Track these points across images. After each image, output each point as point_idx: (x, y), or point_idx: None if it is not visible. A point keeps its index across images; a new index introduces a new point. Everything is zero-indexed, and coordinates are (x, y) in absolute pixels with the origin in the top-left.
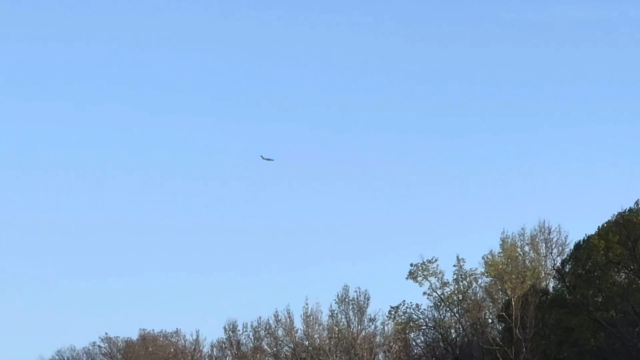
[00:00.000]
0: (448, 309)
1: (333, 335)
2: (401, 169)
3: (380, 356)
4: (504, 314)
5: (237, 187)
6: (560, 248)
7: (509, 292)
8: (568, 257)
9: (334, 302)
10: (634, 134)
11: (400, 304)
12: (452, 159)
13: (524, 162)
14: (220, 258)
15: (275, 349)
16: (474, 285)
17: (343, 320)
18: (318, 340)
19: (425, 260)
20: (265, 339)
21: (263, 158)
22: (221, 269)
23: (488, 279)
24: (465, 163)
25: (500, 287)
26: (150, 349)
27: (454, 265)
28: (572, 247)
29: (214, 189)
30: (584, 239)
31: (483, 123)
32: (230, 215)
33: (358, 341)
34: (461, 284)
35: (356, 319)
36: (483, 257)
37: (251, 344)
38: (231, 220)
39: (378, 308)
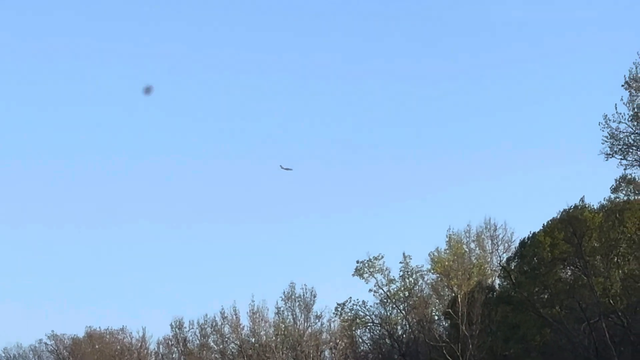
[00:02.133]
0: (394, 305)
1: (279, 332)
2: (346, 166)
3: (326, 353)
4: (450, 310)
5: (185, 183)
6: (506, 245)
7: (455, 288)
8: (514, 254)
9: (280, 299)
10: (578, 131)
11: (347, 301)
12: (396, 156)
13: (469, 159)
14: (166, 255)
15: (221, 345)
16: (420, 282)
17: (289, 317)
18: (264, 337)
19: (371, 257)
20: (212, 336)
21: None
22: (167, 266)
23: (434, 275)
24: (410, 160)
25: (446, 284)
26: (97, 347)
27: (400, 262)
28: (517, 244)
29: (160, 186)
30: (529, 236)
31: (429, 120)
32: (176, 211)
33: (304, 338)
34: (407, 280)
35: (302, 316)
36: (429, 254)
37: (197, 341)
38: (177, 217)
39: (324, 305)
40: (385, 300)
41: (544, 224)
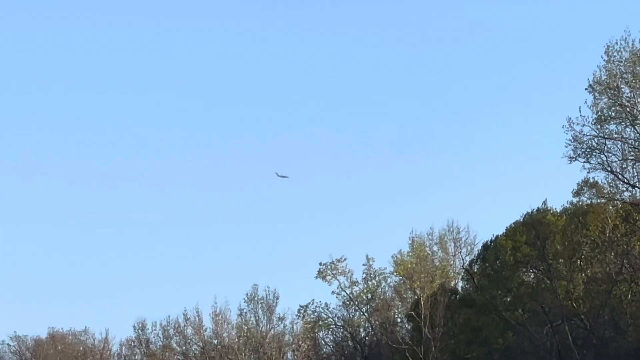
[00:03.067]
0: (357, 308)
1: (242, 334)
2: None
3: (289, 355)
4: (412, 313)
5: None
6: (469, 247)
7: (417, 291)
8: (476, 257)
9: (243, 301)
10: (541, 135)
11: (309, 303)
12: (360, 158)
13: (433, 162)
14: (129, 256)
15: (184, 347)
16: (383, 284)
17: (252, 319)
18: (227, 339)
19: (334, 260)
20: (175, 338)
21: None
22: (130, 268)
23: (397, 278)
24: (373, 162)
25: (409, 287)
26: (60, 348)
27: (363, 265)
28: (480, 247)
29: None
30: (492, 239)
31: (392, 121)
32: (139, 213)
33: (267, 340)
34: (370, 283)
35: (265, 318)
36: (392, 257)
37: (160, 343)
38: (140, 219)
39: (287, 307)
40: (348, 303)
41: (506, 227)
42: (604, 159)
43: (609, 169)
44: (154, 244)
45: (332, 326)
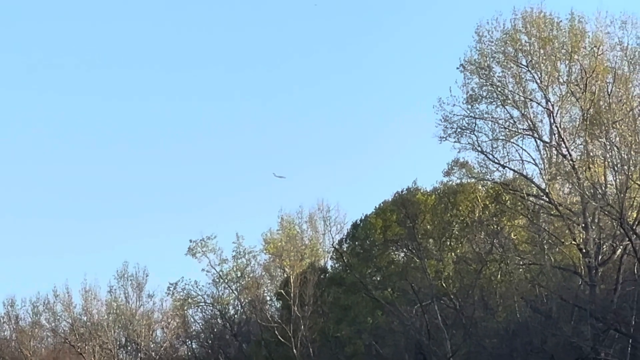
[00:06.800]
0: (227, 285)
1: (111, 311)
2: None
3: (158, 332)
4: (282, 291)
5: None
6: (339, 226)
7: (287, 269)
8: (346, 236)
9: (113, 278)
10: (412, 115)
11: (179, 281)
12: (226, 139)
13: (304, 141)
14: None
15: (53, 324)
16: (253, 262)
17: (122, 296)
18: (96, 315)
19: (204, 237)
20: (44, 314)
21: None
22: None
23: (267, 256)
24: (243, 144)
25: (278, 265)
26: None
27: (233, 243)
28: (350, 226)
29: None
30: (361, 218)
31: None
32: (9, 188)
33: (136, 317)
34: (239, 261)
35: (135, 295)
36: (262, 235)
37: (30, 319)
38: (8, 194)
39: (157, 284)
40: (217, 281)
41: (376, 206)
42: (475, 138)
43: (479, 148)
44: (23, 218)
45: (201, 304)
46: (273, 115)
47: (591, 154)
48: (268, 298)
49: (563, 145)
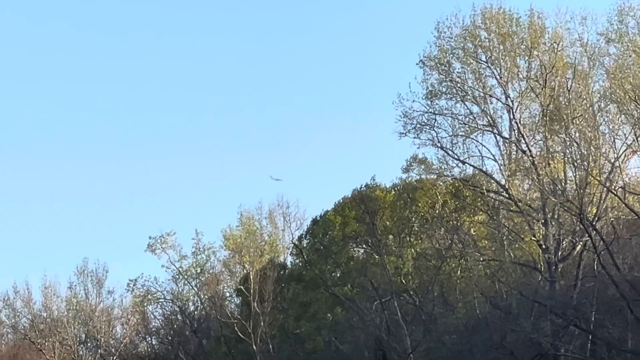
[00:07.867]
0: (186, 282)
1: (71, 307)
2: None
3: (118, 328)
4: (242, 287)
5: None
6: (298, 222)
7: (247, 265)
8: (305, 232)
9: (73, 274)
10: (371, 111)
11: (139, 277)
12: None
13: (257, 137)
14: None
15: (13, 320)
16: (212, 258)
17: (82, 292)
18: (56, 312)
19: (163, 233)
20: (4, 311)
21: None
22: None
23: (226, 252)
24: (196, 137)
25: (238, 261)
26: None
27: (193, 239)
28: (310, 222)
29: None
30: (321, 214)
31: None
32: None
33: (96, 313)
34: (199, 257)
35: (95, 291)
36: (221, 231)
37: None
38: None
39: (117, 280)
40: (177, 277)
41: (335, 203)
42: (434, 134)
43: (439, 144)
44: None
45: (161, 300)
46: (233, 109)
47: (551, 149)
48: (228, 294)
49: (523, 141)
